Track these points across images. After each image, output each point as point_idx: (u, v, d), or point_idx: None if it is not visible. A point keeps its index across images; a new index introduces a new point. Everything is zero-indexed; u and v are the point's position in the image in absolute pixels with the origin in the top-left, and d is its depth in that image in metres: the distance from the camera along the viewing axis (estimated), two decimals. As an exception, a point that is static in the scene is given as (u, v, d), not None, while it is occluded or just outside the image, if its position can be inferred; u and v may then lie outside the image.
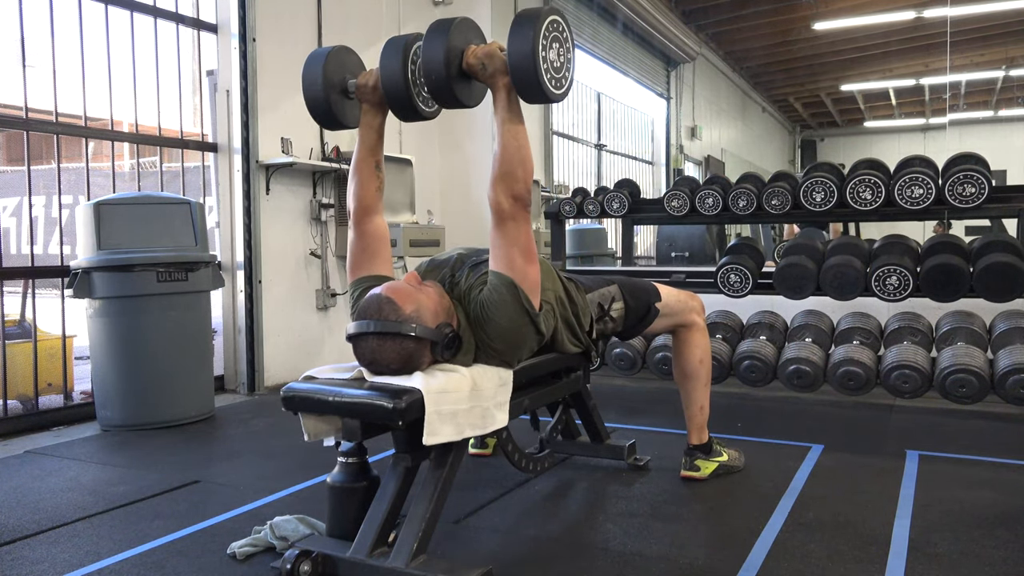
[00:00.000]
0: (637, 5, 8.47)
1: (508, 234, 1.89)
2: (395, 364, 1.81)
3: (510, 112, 1.91)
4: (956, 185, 3.64)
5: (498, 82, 1.91)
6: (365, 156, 2.18)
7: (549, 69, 1.86)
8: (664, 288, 2.53)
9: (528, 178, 1.90)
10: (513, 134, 1.90)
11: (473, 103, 2.06)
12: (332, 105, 2.17)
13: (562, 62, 1.92)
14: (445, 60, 1.90)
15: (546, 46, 1.85)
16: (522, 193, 1.88)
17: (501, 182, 1.88)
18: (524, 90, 1.88)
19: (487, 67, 1.91)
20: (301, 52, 4.42)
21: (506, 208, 1.88)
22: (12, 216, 9.05)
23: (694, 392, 2.56)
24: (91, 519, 2.29)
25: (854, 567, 1.90)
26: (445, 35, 1.90)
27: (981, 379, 3.38)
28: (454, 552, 2.00)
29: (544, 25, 1.84)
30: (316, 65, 2.15)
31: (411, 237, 4.62)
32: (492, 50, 1.91)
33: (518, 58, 1.83)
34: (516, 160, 1.88)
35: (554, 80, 1.89)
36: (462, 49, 1.94)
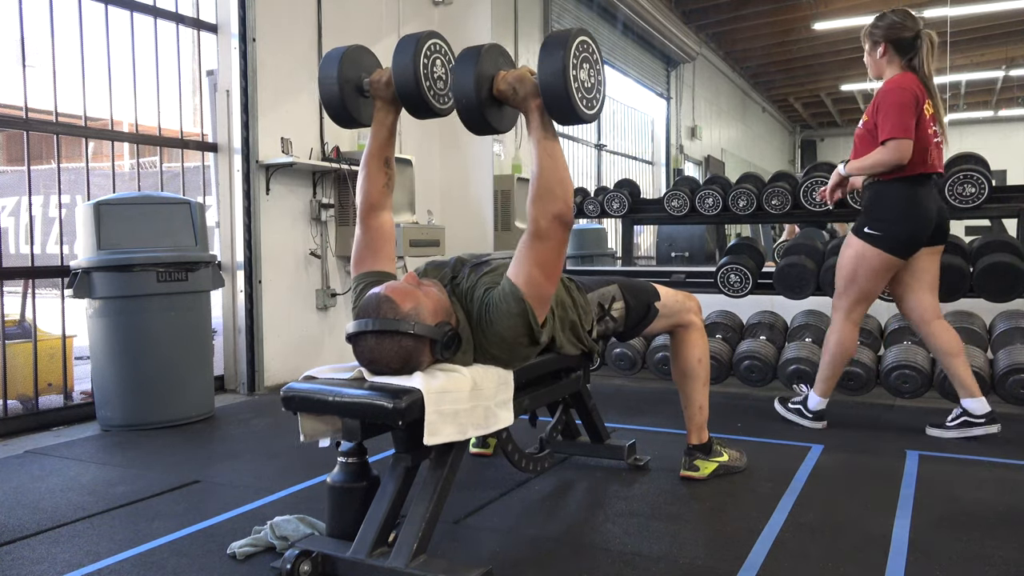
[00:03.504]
0: (637, 5, 8.47)
1: (537, 252, 1.88)
2: (394, 363, 1.81)
3: (544, 132, 1.90)
4: (956, 185, 3.64)
5: (530, 105, 1.90)
6: (375, 152, 2.19)
7: (580, 89, 1.86)
8: (663, 288, 2.53)
9: (568, 196, 1.89)
10: (549, 153, 1.88)
11: (505, 128, 2.06)
12: (347, 102, 2.20)
13: (593, 83, 1.91)
14: (476, 86, 1.89)
15: (576, 65, 1.84)
16: (562, 211, 1.86)
17: (540, 201, 1.87)
18: (556, 111, 1.87)
19: (518, 91, 1.90)
20: (301, 52, 4.44)
21: (543, 226, 1.87)
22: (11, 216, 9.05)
23: (693, 392, 2.56)
24: (91, 519, 2.29)
25: (854, 567, 1.90)
26: (474, 62, 1.90)
27: (981, 379, 3.38)
28: (454, 552, 2.00)
29: (574, 46, 1.83)
30: (332, 63, 2.18)
31: (411, 237, 4.62)
32: (522, 74, 1.91)
33: (549, 79, 1.82)
34: (554, 179, 1.87)
35: (585, 100, 1.88)
36: (492, 75, 1.93)
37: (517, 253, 1.92)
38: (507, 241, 5.42)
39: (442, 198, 5.66)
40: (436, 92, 2.14)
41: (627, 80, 9.66)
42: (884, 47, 3.00)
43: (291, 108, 4.35)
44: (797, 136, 18.33)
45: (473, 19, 5.60)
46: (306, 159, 4.39)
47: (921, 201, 2.97)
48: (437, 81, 2.14)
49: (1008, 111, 13.77)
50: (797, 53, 11.93)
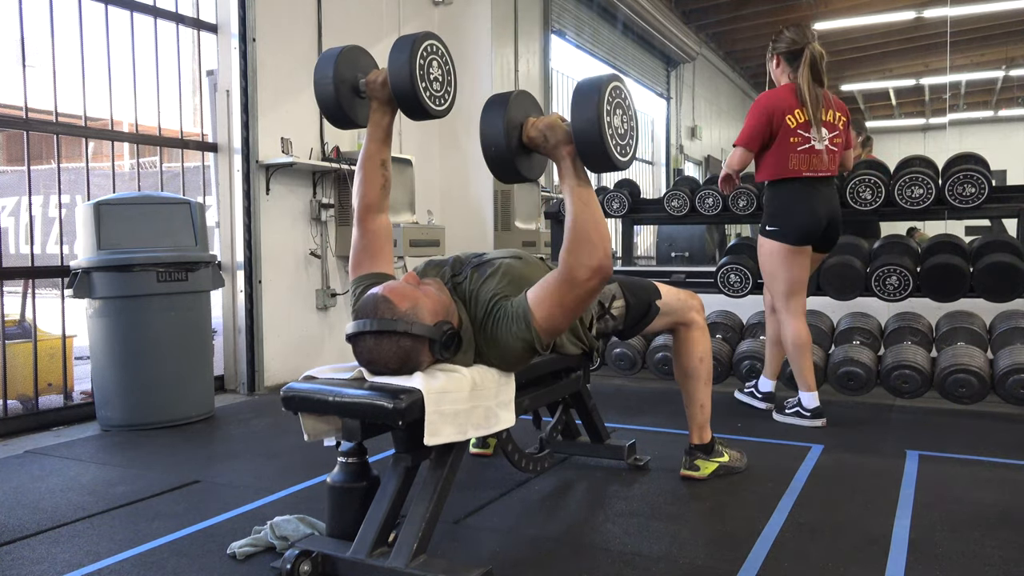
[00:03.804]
0: (637, 5, 8.48)
1: (564, 295, 1.85)
2: (393, 363, 1.81)
3: (578, 180, 1.85)
4: (956, 185, 3.64)
5: (562, 152, 1.85)
6: (371, 153, 2.18)
7: (615, 135, 1.81)
8: (664, 287, 2.53)
9: (607, 244, 1.84)
10: (584, 201, 1.83)
11: (534, 176, 2.02)
12: (343, 102, 2.18)
13: (626, 129, 1.87)
14: (506, 135, 1.86)
15: (610, 112, 1.80)
16: (602, 262, 1.81)
17: (577, 250, 1.82)
18: (590, 159, 1.82)
19: (549, 139, 1.86)
20: (301, 52, 4.44)
21: (580, 277, 1.82)
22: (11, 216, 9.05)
23: (694, 391, 2.56)
24: (91, 519, 2.28)
25: (854, 567, 1.90)
26: (504, 109, 1.87)
27: (981, 379, 3.38)
28: (454, 552, 2.00)
29: (607, 91, 1.79)
30: (328, 63, 2.16)
31: (411, 237, 4.62)
32: (553, 121, 1.86)
33: (583, 127, 1.77)
34: (590, 227, 1.82)
35: (619, 147, 1.83)
36: (521, 122, 1.90)
37: (545, 286, 1.87)
38: (507, 241, 5.43)
39: (442, 198, 5.66)
40: (432, 93, 2.13)
41: (627, 80, 9.66)
42: (777, 59, 3.28)
43: (291, 108, 4.35)
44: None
45: (473, 19, 5.60)
46: (306, 159, 4.39)
47: (803, 200, 3.20)
48: (433, 82, 2.13)
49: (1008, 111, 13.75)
50: (797, 53, 11.91)
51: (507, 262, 2.07)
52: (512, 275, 2.02)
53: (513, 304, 1.91)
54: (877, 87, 13.79)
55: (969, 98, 13.60)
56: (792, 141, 3.16)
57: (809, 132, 3.16)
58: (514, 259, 2.11)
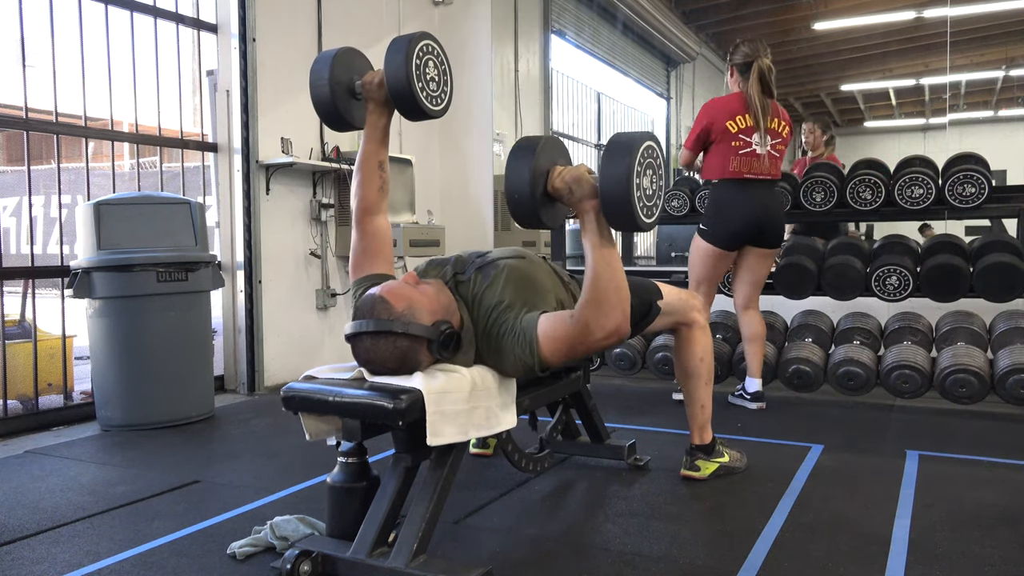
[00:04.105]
0: (637, 5, 8.47)
1: (576, 344, 1.83)
2: (391, 363, 1.81)
3: (601, 237, 1.82)
4: (956, 185, 3.64)
5: (586, 206, 1.81)
6: (368, 155, 2.18)
7: (642, 198, 1.76)
8: (665, 286, 2.52)
9: (626, 305, 1.81)
10: (606, 261, 1.81)
11: (555, 225, 2.01)
12: (338, 104, 2.18)
13: (654, 189, 1.83)
14: (531, 184, 1.83)
15: (640, 172, 1.76)
16: (620, 324, 1.79)
17: (596, 308, 1.79)
18: (614, 218, 1.78)
19: (575, 192, 1.83)
20: (301, 52, 4.44)
21: (596, 335, 1.80)
22: (12, 216, 9.05)
23: (695, 391, 2.56)
24: (91, 519, 2.29)
25: (854, 567, 1.90)
26: (531, 157, 1.84)
27: (981, 379, 3.38)
28: (454, 552, 2.00)
29: (640, 151, 1.75)
30: (323, 65, 2.16)
31: (411, 237, 4.62)
32: (580, 174, 1.83)
33: (612, 187, 1.73)
34: (611, 287, 1.80)
35: (646, 208, 1.79)
36: (547, 170, 1.87)
37: (557, 325, 1.84)
38: (507, 241, 5.43)
39: (442, 198, 5.66)
40: (429, 93, 2.12)
41: (627, 80, 9.66)
42: (731, 70, 3.51)
43: (291, 108, 4.35)
44: (798, 136, 18.31)
45: (473, 19, 5.60)
46: (306, 159, 4.39)
47: (737, 203, 3.42)
48: (430, 82, 2.12)
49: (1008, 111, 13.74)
50: (797, 53, 11.92)
51: (511, 263, 2.05)
52: (516, 279, 2.00)
53: (522, 324, 1.88)
54: (877, 87, 13.79)
55: (969, 98, 13.59)
56: (734, 144, 3.39)
57: (751, 137, 3.39)
58: (518, 259, 2.09)
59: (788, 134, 3.48)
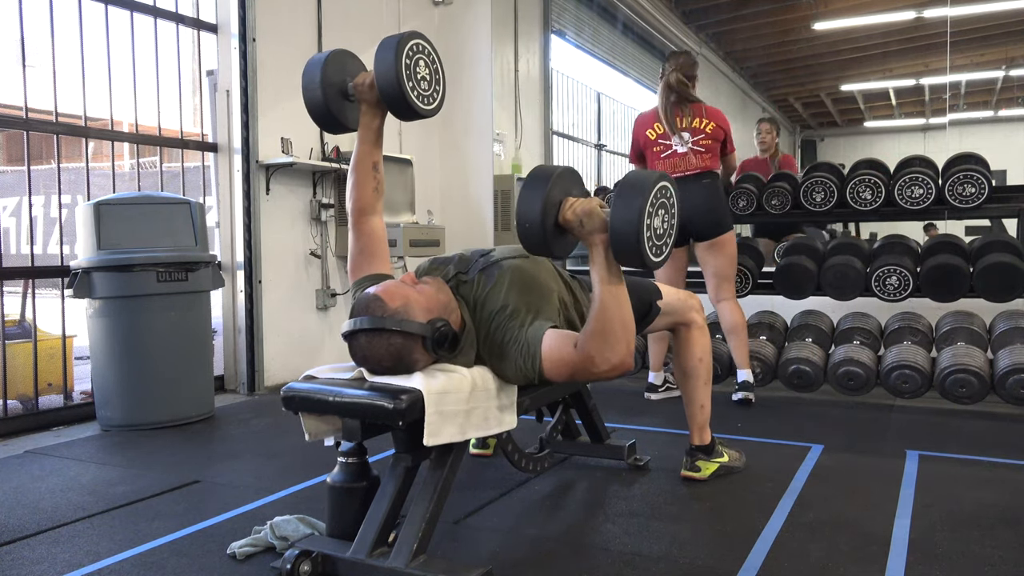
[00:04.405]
0: (637, 5, 8.48)
1: (578, 371, 1.83)
2: (386, 361, 1.81)
3: (608, 272, 1.81)
4: (956, 185, 3.64)
5: (595, 239, 1.81)
6: (363, 157, 2.18)
7: (652, 237, 1.76)
8: (663, 287, 2.53)
9: (631, 340, 1.81)
10: (613, 295, 1.80)
11: (563, 255, 2.00)
12: (331, 107, 2.17)
13: (665, 228, 1.83)
14: (542, 214, 1.83)
15: (652, 213, 1.76)
16: (624, 359, 1.79)
17: (601, 341, 1.78)
18: (621, 255, 1.79)
19: (585, 225, 1.83)
20: (301, 52, 4.44)
21: (599, 368, 1.79)
22: (12, 216, 9.05)
23: (694, 391, 2.56)
24: (91, 519, 2.29)
25: (854, 567, 1.90)
26: (544, 187, 1.83)
27: (981, 379, 3.38)
28: (454, 552, 2.00)
29: (654, 191, 1.76)
30: (315, 67, 2.15)
31: (411, 237, 4.62)
32: (592, 209, 1.83)
33: (621, 226, 1.73)
34: (616, 322, 1.80)
35: (655, 248, 1.78)
36: (559, 201, 1.87)
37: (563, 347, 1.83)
38: (507, 241, 5.42)
39: (442, 198, 5.66)
40: (420, 92, 2.11)
41: (627, 80, 9.66)
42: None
43: (291, 108, 4.35)
44: (797, 136, 18.31)
45: (473, 19, 5.60)
46: (306, 159, 4.39)
47: None
48: (421, 82, 2.11)
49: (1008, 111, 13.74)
50: (797, 53, 11.93)
51: (515, 264, 2.05)
52: (520, 281, 1.99)
53: (527, 336, 1.88)
54: (877, 87, 13.79)
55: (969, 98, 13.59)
56: (655, 150, 3.69)
57: (669, 140, 3.66)
58: (521, 259, 2.09)
59: (714, 129, 3.63)
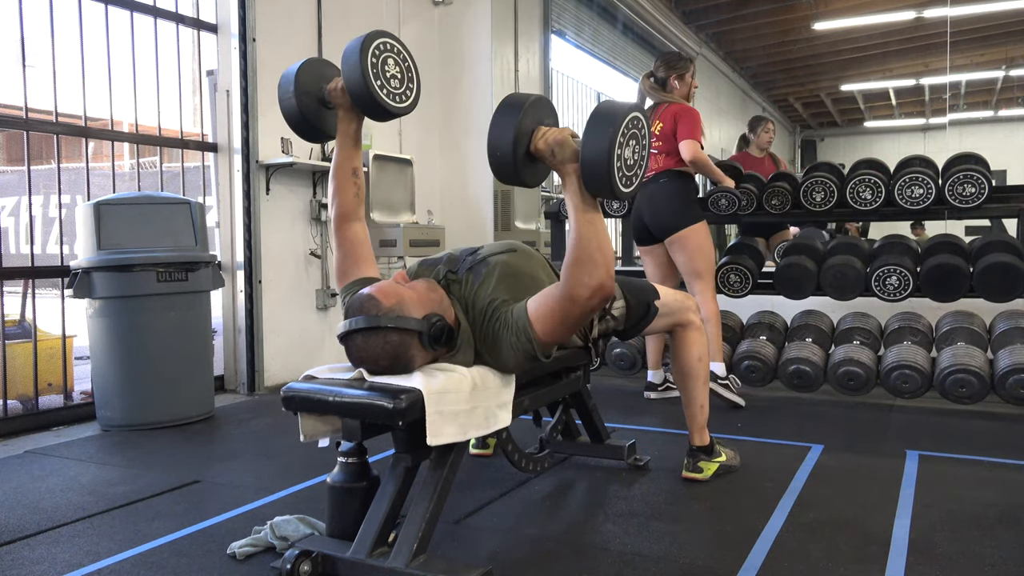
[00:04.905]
0: (637, 5, 8.48)
1: (567, 314, 1.83)
2: (384, 360, 1.81)
3: (582, 199, 1.82)
4: (956, 185, 3.64)
5: (567, 169, 1.82)
6: (342, 163, 2.18)
7: (622, 168, 1.78)
8: (661, 288, 2.54)
9: (610, 264, 1.81)
10: (589, 221, 1.81)
11: (535, 184, 2.01)
12: (309, 116, 2.16)
13: (636, 159, 1.84)
14: (514, 142, 1.84)
15: (623, 143, 1.77)
16: (604, 282, 1.79)
17: (580, 267, 1.80)
18: (591, 184, 1.79)
19: (557, 155, 1.84)
20: (301, 52, 4.43)
21: (582, 295, 1.79)
22: (11, 216, 9.05)
23: (694, 391, 2.56)
24: (91, 519, 2.29)
25: (854, 567, 1.90)
26: (516, 116, 1.84)
27: (981, 379, 3.38)
28: (454, 552, 2.00)
29: (625, 123, 1.77)
30: (288, 80, 2.15)
31: (411, 237, 4.62)
32: (564, 138, 1.84)
33: (591, 155, 1.75)
34: (594, 246, 1.80)
35: (624, 178, 1.80)
36: (531, 130, 1.88)
37: (546, 301, 1.85)
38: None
39: (442, 198, 5.67)
40: (391, 91, 2.09)
41: (627, 80, 9.66)
42: None
43: (291, 108, 4.34)
44: (797, 136, 18.31)
45: (473, 19, 5.60)
46: (306, 159, 4.39)
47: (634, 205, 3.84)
48: (391, 80, 2.09)
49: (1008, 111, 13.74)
50: (797, 53, 11.93)
51: (502, 259, 2.05)
52: (508, 275, 2.01)
53: (513, 313, 1.89)
54: (877, 87, 13.79)
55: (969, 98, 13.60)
56: None
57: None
58: (509, 254, 2.09)
59: (662, 129, 3.66)
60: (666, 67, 3.76)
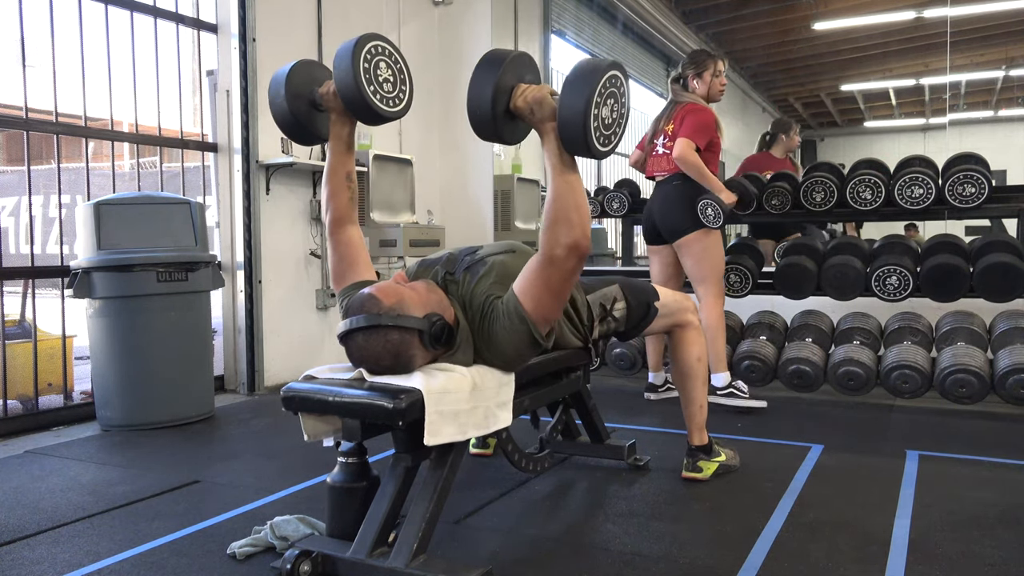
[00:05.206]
0: (637, 5, 8.48)
1: (549, 277, 1.84)
2: (385, 359, 1.80)
3: (560, 158, 1.83)
4: (956, 185, 3.64)
5: (546, 128, 1.83)
6: (335, 167, 2.18)
7: (600, 127, 1.78)
8: (660, 289, 2.54)
9: (585, 224, 1.81)
10: (566, 180, 1.82)
11: (516, 141, 2.01)
12: (300, 118, 2.15)
13: (614, 118, 1.83)
14: (493, 99, 1.83)
15: (600, 103, 1.76)
16: (579, 240, 1.79)
17: (556, 227, 1.80)
18: (568, 143, 1.80)
19: (536, 113, 1.84)
20: (301, 52, 4.43)
21: (558, 255, 1.80)
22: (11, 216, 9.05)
23: (693, 391, 2.56)
24: (91, 519, 2.29)
25: (854, 567, 1.90)
26: (496, 72, 1.83)
27: (981, 379, 3.38)
28: (454, 552, 2.00)
29: (603, 81, 1.76)
30: (278, 83, 2.13)
31: (411, 237, 4.62)
32: (543, 96, 1.83)
33: (568, 114, 1.74)
34: (571, 205, 1.81)
35: (603, 137, 1.80)
36: (511, 87, 1.87)
37: (527, 273, 1.87)
38: (507, 241, 5.41)
39: (442, 198, 5.66)
40: (384, 95, 2.08)
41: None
42: None
43: (291, 108, 4.34)
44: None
45: (473, 19, 5.60)
46: (306, 159, 4.38)
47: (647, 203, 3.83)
48: (384, 84, 2.08)
49: (1008, 111, 13.73)
50: (797, 53, 11.93)
51: (499, 259, 2.06)
52: (505, 274, 2.01)
53: (504, 301, 1.90)
54: (877, 87, 13.78)
55: (969, 98, 13.58)
56: (649, 149, 3.81)
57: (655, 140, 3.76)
58: (507, 254, 2.10)
59: (674, 130, 3.62)
60: (685, 66, 3.71)
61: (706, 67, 3.63)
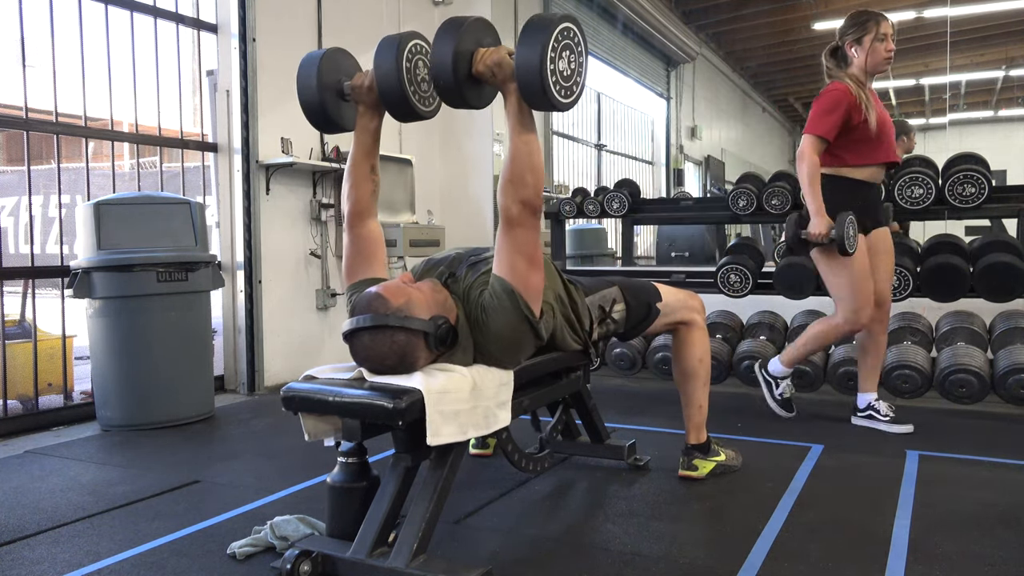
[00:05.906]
0: (637, 5, 8.48)
1: (514, 240, 1.87)
2: (390, 359, 1.81)
3: (520, 119, 1.88)
4: (956, 185, 3.64)
5: (508, 88, 1.88)
6: (360, 159, 2.17)
7: (558, 80, 1.82)
8: (664, 288, 2.53)
9: (538, 184, 1.88)
10: (524, 140, 1.88)
11: (483, 105, 2.04)
12: (327, 108, 2.16)
13: (572, 70, 1.88)
14: (454, 64, 1.86)
15: (555, 57, 1.80)
16: (531, 198, 1.86)
17: (510, 187, 1.86)
18: (530, 99, 1.85)
19: (496, 75, 1.88)
20: (301, 52, 4.38)
21: (514, 214, 1.86)
22: (11, 216, 9.05)
23: (693, 391, 2.56)
24: (91, 519, 2.29)
25: (854, 567, 1.90)
26: (455, 38, 1.86)
27: (981, 379, 3.38)
28: (454, 552, 2.00)
29: (555, 34, 1.80)
30: (310, 68, 2.13)
31: (411, 237, 4.62)
32: (501, 58, 1.87)
33: (525, 69, 1.79)
34: (526, 166, 1.86)
35: (563, 89, 1.85)
36: (472, 52, 1.90)
37: (497, 249, 1.91)
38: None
39: (442, 198, 5.66)
40: (421, 95, 2.10)
41: (627, 80, 9.66)
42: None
43: (291, 108, 4.30)
44: (797, 136, 18.28)
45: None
46: (306, 159, 4.39)
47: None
48: (421, 84, 2.10)
49: (1008, 111, 13.74)
50: (797, 53, 11.94)
51: None
52: None
53: (489, 286, 1.92)
54: (877, 87, 13.75)
55: (969, 98, 13.59)
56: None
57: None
58: None
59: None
60: (842, 32, 3.08)
61: (866, 30, 3.03)
